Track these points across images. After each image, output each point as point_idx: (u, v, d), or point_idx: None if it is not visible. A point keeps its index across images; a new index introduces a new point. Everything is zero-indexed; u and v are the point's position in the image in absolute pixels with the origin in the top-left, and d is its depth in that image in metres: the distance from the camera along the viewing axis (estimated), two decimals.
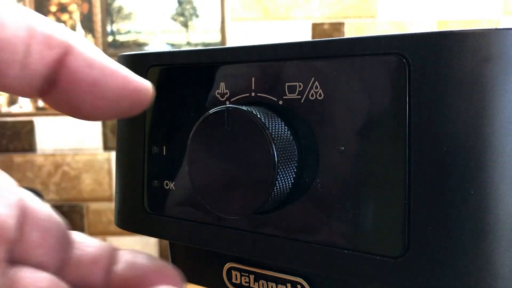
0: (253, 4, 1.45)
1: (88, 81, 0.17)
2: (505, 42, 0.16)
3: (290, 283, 0.22)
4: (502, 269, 0.16)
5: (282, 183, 0.19)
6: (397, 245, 0.18)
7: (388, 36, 0.18)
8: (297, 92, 0.20)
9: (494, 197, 0.16)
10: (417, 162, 0.17)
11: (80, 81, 0.17)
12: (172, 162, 0.23)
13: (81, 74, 0.17)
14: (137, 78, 0.18)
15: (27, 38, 0.15)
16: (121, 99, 0.17)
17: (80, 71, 0.16)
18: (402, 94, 0.17)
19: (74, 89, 0.17)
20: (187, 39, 1.53)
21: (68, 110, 0.18)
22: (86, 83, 0.17)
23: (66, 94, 0.17)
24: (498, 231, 0.16)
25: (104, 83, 0.17)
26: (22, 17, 0.15)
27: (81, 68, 0.16)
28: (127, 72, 0.18)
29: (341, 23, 1.40)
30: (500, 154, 0.16)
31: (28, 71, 0.16)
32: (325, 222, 0.19)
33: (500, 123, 0.16)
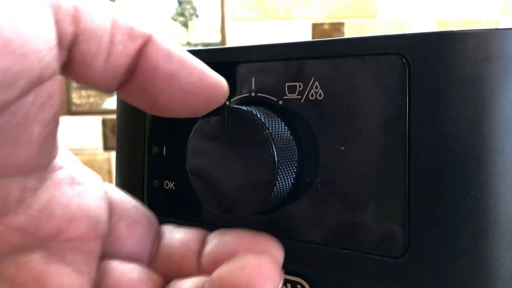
0: (253, 4, 1.45)
1: (166, 72, 0.17)
2: (505, 42, 0.16)
3: (290, 283, 0.22)
4: (502, 270, 0.16)
5: (282, 183, 0.19)
6: (397, 245, 0.18)
7: (388, 36, 0.18)
8: (297, 92, 0.20)
9: (494, 197, 0.16)
10: (417, 162, 0.17)
11: (158, 72, 0.17)
12: (172, 162, 0.23)
13: (160, 65, 0.16)
14: (213, 73, 0.18)
15: (112, 28, 0.16)
16: (197, 93, 0.17)
17: (159, 61, 0.16)
18: (402, 94, 0.17)
19: (151, 79, 0.17)
20: (187, 39, 1.53)
21: (144, 103, 0.17)
22: (164, 74, 0.17)
23: (143, 85, 0.17)
24: (498, 231, 0.16)
25: (182, 75, 0.17)
26: (106, 9, 0.16)
27: (160, 58, 0.16)
28: (204, 66, 0.17)
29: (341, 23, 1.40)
30: (500, 154, 0.16)
31: (111, 62, 0.16)
32: (325, 222, 0.19)
33: (500, 123, 0.16)
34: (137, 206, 0.20)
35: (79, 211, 0.17)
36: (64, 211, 0.17)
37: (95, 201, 0.18)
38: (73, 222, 0.17)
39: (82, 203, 0.17)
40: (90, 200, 0.17)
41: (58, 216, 0.16)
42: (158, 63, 0.16)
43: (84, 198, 0.17)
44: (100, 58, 0.16)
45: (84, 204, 0.17)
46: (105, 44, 0.16)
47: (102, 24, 0.15)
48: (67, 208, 0.17)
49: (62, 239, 0.17)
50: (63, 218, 0.16)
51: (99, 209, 0.18)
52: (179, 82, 0.17)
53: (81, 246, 0.17)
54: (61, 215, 0.16)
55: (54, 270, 0.16)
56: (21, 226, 0.16)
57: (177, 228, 0.20)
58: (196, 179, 0.20)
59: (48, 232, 0.16)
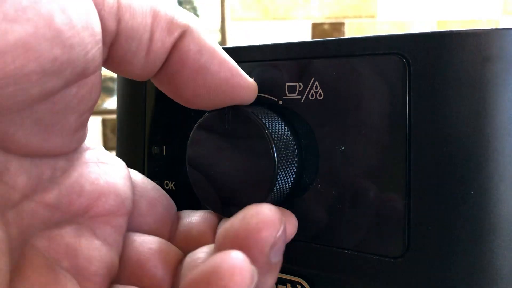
0: (253, 4, 1.45)
1: (193, 67, 0.17)
2: (505, 42, 0.16)
3: (290, 283, 0.22)
4: (502, 269, 0.16)
5: (282, 183, 0.19)
6: (397, 245, 0.18)
7: (388, 36, 0.18)
8: (297, 92, 0.20)
9: (494, 197, 0.16)
10: (417, 162, 0.17)
11: (186, 65, 0.17)
12: (172, 162, 0.23)
13: (189, 59, 0.17)
14: (242, 75, 0.18)
15: (152, 25, 0.16)
16: (222, 92, 0.18)
17: (188, 55, 0.17)
18: (402, 94, 0.17)
19: (179, 72, 0.17)
20: None
21: (171, 92, 0.18)
22: (191, 68, 0.17)
23: (171, 76, 0.17)
24: (498, 231, 0.16)
25: (208, 72, 0.17)
26: (146, 1, 0.16)
27: (190, 53, 0.17)
28: (234, 66, 0.18)
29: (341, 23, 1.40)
30: (500, 154, 0.16)
31: (150, 58, 0.16)
32: (325, 222, 0.19)
33: (500, 123, 0.16)
34: (157, 187, 0.21)
35: (107, 187, 0.17)
36: (92, 187, 0.17)
37: (120, 180, 0.18)
38: (102, 198, 0.17)
39: (109, 180, 0.18)
40: (116, 178, 0.18)
41: (87, 192, 0.17)
42: (188, 56, 0.17)
43: (111, 176, 0.18)
44: (140, 55, 0.16)
45: (111, 181, 0.18)
46: (145, 42, 0.16)
47: (143, 21, 0.15)
48: (96, 185, 0.17)
49: (91, 214, 0.17)
50: (92, 194, 0.17)
51: (124, 187, 0.18)
52: (204, 78, 0.17)
53: (109, 221, 0.17)
54: (90, 192, 0.17)
55: (84, 243, 0.16)
56: (53, 202, 0.16)
57: (195, 211, 0.21)
58: (196, 179, 0.20)
59: (78, 207, 0.17)
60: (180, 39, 0.16)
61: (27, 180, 0.15)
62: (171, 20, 0.16)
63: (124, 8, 0.15)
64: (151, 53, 0.16)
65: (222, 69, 0.17)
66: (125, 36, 0.15)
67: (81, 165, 0.17)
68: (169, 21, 0.16)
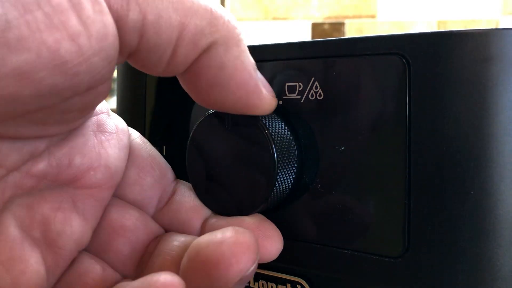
0: (253, 4, 1.45)
1: (209, 83, 0.16)
2: (505, 42, 0.16)
3: (290, 283, 0.22)
4: (502, 270, 0.16)
5: (282, 183, 0.19)
6: (397, 245, 0.18)
7: (388, 36, 0.18)
8: (297, 92, 0.20)
9: (494, 197, 0.16)
10: (417, 162, 0.17)
11: (203, 79, 0.16)
12: (172, 162, 0.23)
13: (207, 75, 0.16)
14: (259, 93, 0.17)
15: (177, 40, 0.15)
16: (236, 108, 0.17)
17: (208, 72, 0.16)
18: (402, 94, 0.17)
19: (196, 82, 0.17)
20: None
21: (188, 90, 0.17)
22: (207, 83, 0.16)
23: (189, 80, 0.17)
24: (498, 231, 0.16)
25: (223, 91, 0.16)
26: (176, 15, 0.15)
27: (210, 69, 0.16)
28: (251, 87, 0.17)
29: (341, 23, 1.40)
30: (500, 154, 0.16)
31: (170, 67, 0.16)
32: (325, 222, 0.19)
33: (500, 123, 0.16)
34: (153, 156, 0.20)
35: (98, 160, 0.17)
36: (83, 159, 0.17)
37: (115, 150, 0.18)
38: (90, 171, 0.17)
39: (102, 152, 0.17)
40: (112, 149, 0.18)
41: (77, 164, 0.17)
42: (206, 72, 0.16)
43: (106, 147, 0.18)
44: (159, 65, 0.15)
45: (104, 153, 0.17)
46: (167, 56, 0.15)
47: (168, 37, 0.15)
48: (87, 157, 0.17)
49: (77, 185, 0.17)
50: (81, 167, 0.17)
51: (118, 159, 0.18)
52: (219, 94, 0.17)
53: (94, 194, 0.17)
54: (79, 164, 0.17)
55: (60, 216, 0.16)
56: (40, 173, 0.16)
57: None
58: (196, 179, 0.20)
59: (65, 178, 0.17)
60: (204, 53, 0.16)
61: (17, 157, 0.15)
62: (200, 32, 0.15)
63: (150, 24, 0.14)
64: (172, 64, 0.15)
65: (239, 90, 0.17)
66: (146, 51, 0.15)
67: (76, 136, 0.17)
68: (197, 33, 0.15)
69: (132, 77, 0.25)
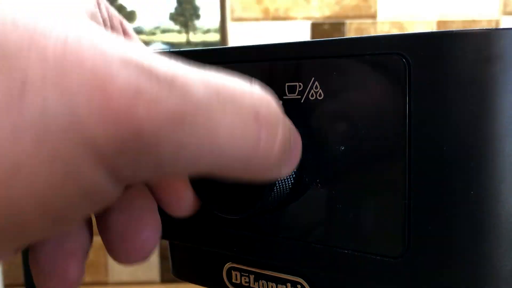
0: (253, 4, 1.45)
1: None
2: (505, 42, 0.16)
3: (290, 283, 0.22)
4: (502, 270, 0.16)
5: (282, 184, 0.19)
6: (397, 245, 0.18)
7: (388, 36, 0.18)
8: (297, 92, 0.20)
9: (494, 197, 0.16)
10: (417, 162, 0.17)
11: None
12: None
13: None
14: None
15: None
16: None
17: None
18: (402, 94, 0.17)
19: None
20: (187, 39, 1.53)
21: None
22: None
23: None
24: (498, 231, 0.16)
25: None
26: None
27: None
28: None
29: (341, 23, 1.40)
30: (500, 154, 0.16)
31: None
32: (325, 222, 0.19)
33: (500, 123, 0.16)
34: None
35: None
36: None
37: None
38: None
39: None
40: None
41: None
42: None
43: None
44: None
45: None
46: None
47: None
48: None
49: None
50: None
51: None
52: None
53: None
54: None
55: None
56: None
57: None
58: (196, 179, 0.20)
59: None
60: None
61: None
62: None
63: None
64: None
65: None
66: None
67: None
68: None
69: None
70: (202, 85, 0.12)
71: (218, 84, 0.12)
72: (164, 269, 1.55)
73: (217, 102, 0.12)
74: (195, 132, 0.12)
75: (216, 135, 0.12)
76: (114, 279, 1.56)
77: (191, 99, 0.12)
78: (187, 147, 0.12)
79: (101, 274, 1.53)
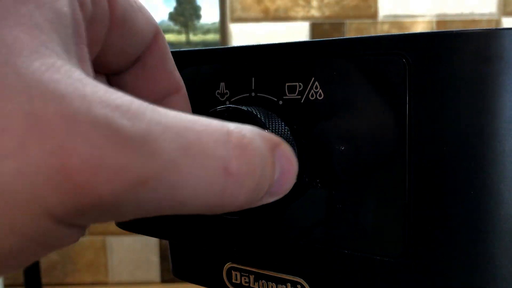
0: (253, 4, 1.45)
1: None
2: (505, 42, 0.16)
3: (290, 283, 0.22)
4: (502, 270, 0.16)
5: None
6: (397, 245, 0.18)
7: (388, 36, 0.18)
8: (297, 92, 0.20)
9: (494, 197, 0.16)
10: (417, 162, 0.17)
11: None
12: None
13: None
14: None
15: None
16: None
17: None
18: (402, 94, 0.17)
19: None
20: (187, 39, 1.53)
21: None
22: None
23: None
24: (498, 232, 0.16)
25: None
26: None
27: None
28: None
29: (341, 23, 1.40)
30: (500, 154, 0.16)
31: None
32: (325, 222, 0.19)
33: (500, 123, 0.16)
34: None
35: None
36: None
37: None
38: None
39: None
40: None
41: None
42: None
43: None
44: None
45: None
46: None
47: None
48: None
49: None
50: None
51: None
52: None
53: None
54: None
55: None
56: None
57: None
58: None
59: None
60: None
61: None
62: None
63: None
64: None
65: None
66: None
67: None
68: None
69: None
70: (173, 142, 0.12)
71: (190, 138, 0.12)
72: (164, 269, 1.55)
73: (185, 158, 0.12)
74: (158, 192, 0.11)
75: (179, 192, 0.12)
76: (114, 279, 1.56)
77: (157, 160, 0.11)
78: (148, 205, 0.12)
79: (101, 274, 1.53)
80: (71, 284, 1.51)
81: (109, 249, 1.53)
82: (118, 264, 1.54)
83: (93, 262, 1.55)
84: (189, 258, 0.26)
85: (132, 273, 1.54)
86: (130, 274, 1.54)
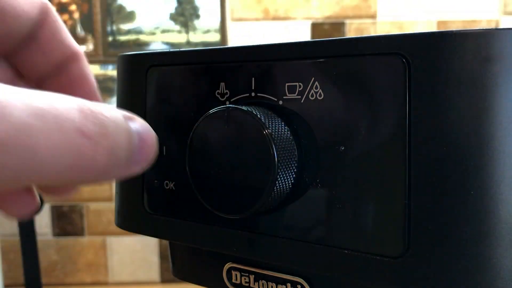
0: (253, 4, 1.45)
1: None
2: (505, 42, 0.16)
3: (290, 283, 0.22)
4: (502, 270, 0.16)
5: (282, 183, 0.19)
6: (397, 245, 0.18)
7: (388, 36, 0.18)
8: (297, 92, 0.20)
9: (494, 198, 0.16)
10: (417, 162, 0.17)
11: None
12: (172, 162, 0.23)
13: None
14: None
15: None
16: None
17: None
18: (402, 94, 0.17)
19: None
20: (187, 39, 1.53)
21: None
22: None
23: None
24: (498, 232, 0.16)
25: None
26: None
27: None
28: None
29: (341, 23, 1.40)
30: (500, 154, 0.16)
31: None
32: (325, 222, 0.19)
33: (500, 123, 0.16)
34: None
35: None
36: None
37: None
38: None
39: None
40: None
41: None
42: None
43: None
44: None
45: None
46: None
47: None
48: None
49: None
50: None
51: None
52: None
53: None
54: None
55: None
56: None
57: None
58: (196, 179, 0.20)
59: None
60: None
61: None
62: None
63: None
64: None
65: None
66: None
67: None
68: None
69: (132, 76, 0.25)
70: (23, 106, 0.12)
71: (43, 104, 0.13)
72: (164, 269, 1.55)
73: (38, 121, 0.13)
74: (14, 153, 0.12)
75: (36, 156, 0.12)
76: (114, 279, 1.56)
77: (9, 121, 0.12)
78: (5, 167, 0.12)
79: (101, 274, 1.53)
80: (71, 284, 1.51)
81: (109, 249, 1.53)
82: (118, 264, 1.54)
83: (93, 262, 1.55)
84: (189, 258, 0.26)
85: (132, 273, 1.55)
86: (130, 274, 1.54)
